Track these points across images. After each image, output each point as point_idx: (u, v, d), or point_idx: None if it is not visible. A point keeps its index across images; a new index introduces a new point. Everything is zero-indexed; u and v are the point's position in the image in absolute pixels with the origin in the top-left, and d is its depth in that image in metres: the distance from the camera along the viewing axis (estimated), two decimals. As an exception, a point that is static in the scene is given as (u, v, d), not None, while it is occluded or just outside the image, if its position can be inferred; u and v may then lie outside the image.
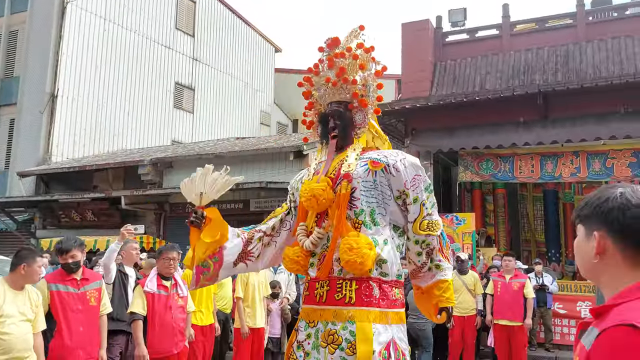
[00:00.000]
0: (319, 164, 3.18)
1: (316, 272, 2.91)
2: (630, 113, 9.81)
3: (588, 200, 1.34)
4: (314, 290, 2.92)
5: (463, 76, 11.82)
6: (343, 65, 3.10)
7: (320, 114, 3.23)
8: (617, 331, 1.15)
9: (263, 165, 13.13)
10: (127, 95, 18.82)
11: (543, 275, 9.44)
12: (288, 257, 3.00)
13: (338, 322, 2.76)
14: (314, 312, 2.88)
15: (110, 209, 14.29)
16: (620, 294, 1.26)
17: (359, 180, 2.90)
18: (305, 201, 2.94)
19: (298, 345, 2.90)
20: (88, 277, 4.35)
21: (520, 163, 10.75)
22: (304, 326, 2.91)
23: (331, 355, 2.73)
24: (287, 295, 7.11)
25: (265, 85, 24.34)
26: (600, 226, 1.29)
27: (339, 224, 2.85)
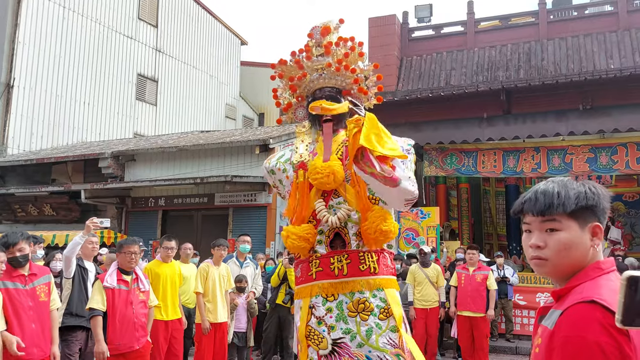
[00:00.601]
0: (310, 145, 3.29)
1: (325, 249, 3.04)
2: (588, 110, 10.11)
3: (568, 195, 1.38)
4: (328, 265, 3.01)
5: (428, 72, 11.93)
6: (345, 53, 3.25)
7: (309, 98, 3.33)
8: (579, 307, 1.23)
9: (228, 158, 12.97)
10: (87, 86, 18.29)
11: (504, 267, 9.66)
12: (296, 235, 3.03)
13: (366, 291, 2.93)
14: (333, 286, 2.99)
15: (69, 203, 13.87)
16: (577, 276, 1.35)
17: None
18: (322, 177, 2.99)
19: (318, 321, 2.96)
20: (36, 272, 4.16)
21: (483, 158, 10.93)
22: (321, 302, 2.98)
23: (364, 322, 2.89)
24: (253, 289, 7.03)
25: (231, 78, 24.05)
26: (594, 218, 1.38)
27: (362, 200, 3.00)
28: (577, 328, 1.19)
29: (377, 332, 2.89)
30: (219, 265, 6.33)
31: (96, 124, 18.54)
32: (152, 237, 12.70)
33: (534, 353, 1.35)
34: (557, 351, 1.21)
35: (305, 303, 3.07)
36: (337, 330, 2.93)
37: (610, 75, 9.79)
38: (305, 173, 3.16)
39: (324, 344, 2.94)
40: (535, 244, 1.40)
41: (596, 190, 1.40)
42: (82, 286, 5.25)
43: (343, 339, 2.91)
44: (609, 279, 1.33)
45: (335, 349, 2.92)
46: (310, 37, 3.40)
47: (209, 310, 6.08)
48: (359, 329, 2.90)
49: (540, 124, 10.11)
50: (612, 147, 10.07)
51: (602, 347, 1.14)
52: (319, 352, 2.96)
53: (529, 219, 1.43)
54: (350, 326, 2.91)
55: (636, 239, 12.73)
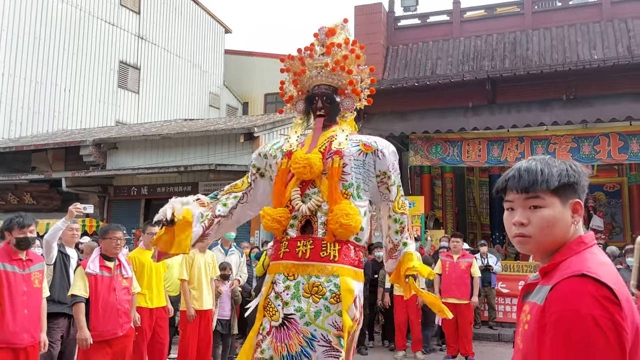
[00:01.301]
0: (301, 137, 3.58)
1: (296, 233, 3.32)
2: (572, 100, 10.19)
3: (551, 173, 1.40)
4: (294, 248, 3.30)
5: (414, 61, 11.92)
6: (344, 55, 3.54)
7: (308, 93, 3.62)
8: (570, 281, 1.24)
9: (212, 147, 12.86)
10: (68, 73, 17.96)
11: (488, 256, 9.74)
12: (270, 216, 3.33)
13: (322, 276, 3.20)
14: (295, 267, 3.27)
15: (50, 191, 13.66)
16: (561, 251, 1.37)
17: (350, 157, 3.33)
18: (299, 167, 3.29)
19: (276, 296, 3.24)
20: (32, 259, 4.17)
21: (468, 148, 10.97)
22: (282, 279, 3.26)
23: (315, 304, 3.16)
24: (238, 277, 6.98)
25: (215, 66, 23.80)
26: (575, 195, 1.41)
27: (332, 193, 3.28)
28: (569, 302, 1.19)
29: (324, 314, 3.16)
30: (205, 252, 6.26)
31: (77, 112, 18.23)
32: (135, 226, 12.55)
33: (523, 331, 1.34)
34: (550, 326, 1.20)
35: (270, 278, 3.35)
36: (290, 307, 3.19)
37: (593, 66, 9.87)
38: (289, 161, 3.41)
39: (276, 317, 3.21)
40: (519, 221, 1.41)
41: (577, 168, 1.43)
42: (64, 273, 5.16)
43: (294, 316, 3.17)
44: (593, 252, 1.36)
45: (285, 322, 3.18)
46: (316, 37, 3.68)
47: (194, 297, 6.03)
48: (309, 309, 3.17)
49: (525, 114, 10.17)
50: (594, 137, 10.18)
51: (596, 319, 1.15)
52: (271, 322, 3.23)
53: (512, 196, 1.44)
54: (302, 305, 3.18)
55: (616, 228, 12.93)
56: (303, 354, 3.14)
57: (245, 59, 24.69)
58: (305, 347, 3.14)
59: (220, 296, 6.54)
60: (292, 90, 3.77)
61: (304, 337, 3.15)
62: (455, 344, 7.55)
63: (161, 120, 18.92)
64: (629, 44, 10.48)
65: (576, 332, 1.16)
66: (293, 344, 3.16)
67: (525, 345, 1.31)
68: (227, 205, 3.60)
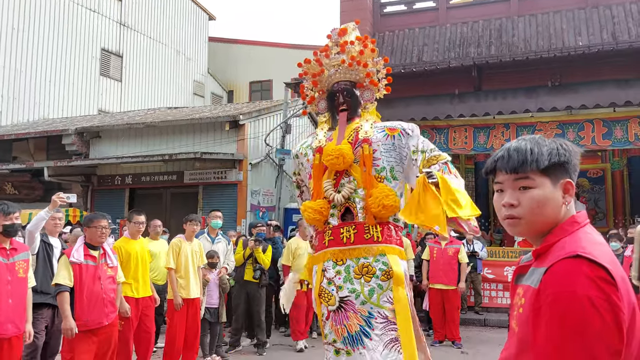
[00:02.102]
0: (328, 132, 3.80)
1: (337, 221, 3.55)
2: (557, 86, 10.23)
3: (541, 152, 1.37)
4: (338, 235, 3.52)
5: (401, 47, 11.87)
6: (359, 50, 3.75)
7: (329, 91, 3.83)
8: (565, 263, 1.21)
9: (197, 135, 12.71)
10: (48, 61, 17.61)
11: (473, 242, 9.80)
12: (311, 209, 3.58)
13: (369, 257, 3.43)
14: (342, 252, 3.50)
15: (32, 181, 13.44)
16: (554, 232, 1.34)
17: (378, 144, 3.55)
18: (332, 159, 3.51)
19: (328, 282, 3.48)
20: (16, 247, 4.09)
21: (454, 135, 10.99)
22: (331, 265, 3.50)
23: (367, 284, 3.38)
24: (225, 265, 6.94)
25: (199, 54, 23.51)
26: (566, 175, 1.38)
27: (367, 178, 3.50)
28: (565, 283, 1.17)
29: (378, 292, 3.38)
30: (192, 240, 6.21)
31: (58, 100, 17.91)
32: (120, 215, 12.41)
33: (517, 314, 1.32)
34: (546, 308, 1.18)
35: (319, 267, 3.58)
36: (344, 290, 3.42)
37: (578, 52, 9.90)
38: (320, 156, 3.64)
39: (332, 301, 3.44)
40: (509, 202, 1.38)
41: (567, 146, 1.40)
42: (47, 263, 5.07)
43: (349, 297, 3.40)
44: (586, 231, 1.33)
45: (342, 305, 3.42)
46: (329, 38, 3.93)
47: (182, 286, 5.98)
48: (363, 289, 3.39)
49: (510, 101, 10.19)
50: (579, 124, 10.25)
51: (592, 300, 1.13)
52: (328, 307, 3.47)
53: (502, 177, 1.41)
54: (355, 286, 3.40)
55: (599, 214, 13.09)
56: (362, 333, 3.34)
57: (229, 47, 24.43)
58: (363, 326, 3.36)
59: (208, 284, 6.49)
60: (312, 91, 3.99)
61: (362, 316, 3.36)
62: (442, 329, 7.61)
63: (145, 109, 18.67)
64: (614, 30, 10.54)
65: (572, 313, 1.14)
66: (352, 324, 3.37)
67: (521, 328, 1.29)
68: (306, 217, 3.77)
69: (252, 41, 24.32)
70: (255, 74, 23.32)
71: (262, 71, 23.00)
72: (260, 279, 7.07)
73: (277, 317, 8.55)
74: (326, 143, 3.68)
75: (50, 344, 5.10)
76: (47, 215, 4.85)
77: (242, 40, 24.58)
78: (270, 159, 12.96)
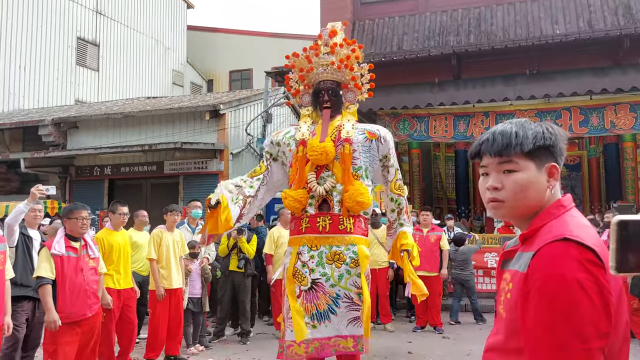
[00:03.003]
0: (311, 127, 4.16)
1: (314, 210, 3.94)
2: (535, 75, 10.36)
3: (526, 135, 1.36)
4: (315, 223, 3.93)
5: (381, 36, 11.88)
6: (346, 55, 4.12)
7: (315, 88, 4.17)
8: (553, 246, 1.20)
9: (177, 125, 12.60)
10: (23, 50, 17.20)
11: (454, 229, 9.92)
12: (292, 197, 3.94)
13: (342, 245, 3.88)
14: (317, 239, 3.92)
15: (8, 172, 13.20)
16: (540, 216, 1.33)
17: (358, 144, 3.98)
18: (316, 155, 3.89)
19: (303, 265, 3.90)
20: None
21: (435, 123, 11.06)
22: (306, 250, 3.92)
23: (338, 269, 3.85)
24: (206, 255, 6.92)
25: (177, 43, 23.20)
26: (551, 159, 1.37)
27: (346, 175, 3.90)
28: (554, 266, 1.17)
29: (346, 277, 3.85)
30: (173, 231, 6.18)
31: (34, 90, 17.55)
32: (99, 206, 12.28)
33: (505, 299, 1.31)
34: (534, 292, 1.18)
35: (294, 250, 3.98)
36: (316, 273, 3.86)
37: (555, 40, 10.02)
38: (304, 149, 3.98)
39: (305, 282, 3.88)
40: (493, 185, 1.38)
41: (553, 130, 1.39)
42: (27, 255, 5.00)
43: (320, 280, 3.85)
44: (572, 215, 1.33)
45: (313, 286, 3.86)
46: (320, 38, 4.23)
47: (163, 276, 5.95)
48: (333, 274, 3.84)
49: (489, 89, 10.29)
50: (556, 112, 10.40)
51: (581, 282, 1.13)
52: (300, 287, 3.88)
53: (486, 160, 1.41)
54: (326, 270, 3.85)
55: (576, 200, 13.31)
56: (329, 311, 3.83)
57: (208, 35, 24.15)
58: (331, 305, 3.85)
59: (190, 275, 6.48)
60: (298, 85, 4.31)
61: (330, 297, 3.84)
62: (424, 315, 7.71)
63: (123, 99, 18.41)
64: (590, 18, 10.69)
65: (561, 296, 1.14)
66: (321, 303, 3.84)
67: (509, 314, 1.28)
68: (253, 187, 4.15)
69: (231, 30, 24.08)
70: (235, 63, 23.12)
71: (242, 60, 22.81)
72: (245, 269, 7.07)
73: (261, 307, 8.58)
74: (309, 137, 4.03)
75: (31, 337, 5.04)
76: (26, 207, 4.78)
77: (221, 29, 24.32)
78: (252, 149, 12.91)
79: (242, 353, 6.47)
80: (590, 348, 1.11)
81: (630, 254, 0.99)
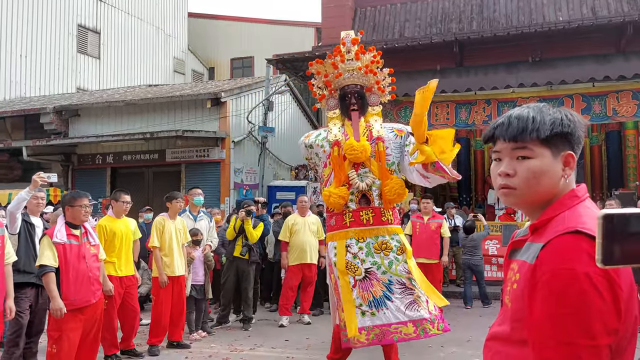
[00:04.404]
0: (341, 128, 4.51)
1: (356, 205, 4.32)
2: (537, 62, 10.32)
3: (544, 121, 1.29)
4: (359, 217, 4.30)
5: (383, 23, 11.81)
6: (370, 60, 4.52)
7: (341, 92, 4.56)
8: (564, 239, 1.15)
9: (179, 113, 12.58)
10: (23, 38, 17.15)
11: (455, 217, 9.94)
12: (336, 195, 4.28)
13: (386, 235, 4.28)
14: (362, 231, 4.28)
15: (10, 161, 13.22)
16: (553, 206, 1.27)
17: (389, 142, 4.38)
18: (357, 153, 4.27)
19: (353, 256, 4.24)
20: None
21: (436, 111, 11.04)
22: (354, 243, 4.27)
23: (386, 257, 4.21)
24: (209, 242, 6.95)
25: (179, 30, 23.08)
26: (568, 147, 1.30)
27: (383, 171, 4.29)
28: (564, 260, 1.12)
29: (395, 263, 4.20)
30: (175, 218, 6.20)
31: (35, 78, 17.53)
32: (102, 194, 12.31)
33: (511, 290, 1.27)
34: (543, 285, 1.14)
35: (341, 244, 4.32)
36: (367, 263, 4.21)
37: (558, 27, 9.97)
38: (339, 149, 4.34)
39: (358, 272, 4.21)
40: (505, 171, 1.31)
41: (572, 117, 1.31)
42: (29, 242, 5.04)
43: (372, 268, 4.20)
44: (586, 206, 1.27)
45: (366, 275, 4.19)
46: (344, 45, 4.58)
47: (166, 264, 5.99)
48: (383, 262, 4.21)
49: (492, 76, 10.25)
50: (558, 99, 10.36)
51: (590, 277, 1.09)
52: (355, 277, 4.20)
53: (500, 145, 1.34)
54: (376, 259, 4.21)
55: (577, 188, 13.33)
56: (385, 297, 4.13)
57: (209, 23, 24.03)
58: (385, 291, 4.14)
59: (193, 262, 6.52)
60: (323, 90, 4.68)
61: (383, 284, 4.15)
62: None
63: (124, 87, 18.37)
64: (593, 5, 10.61)
65: (570, 291, 1.10)
66: (376, 290, 4.14)
67: (514, 304, 1.24)
68: None
69: (232, 17, 23.95)
70: (236, 50, 23.02)
71: (243, 47, 22.71)
72: (249, 255, 7.07)
73: (263, 294, 8.64)
74: (342, 138, 4.40)
75: (34, 323, 5.09)
76: (27, 195, 4.80)
77: (222, 16, 24.18)
78: (253, 137, 12.90)
79: (244, 339, 6.53)
80: (597, 345, 1.08)
81: (616, 247, 0.99)
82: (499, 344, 1.31)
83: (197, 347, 6.19)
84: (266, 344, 6.29)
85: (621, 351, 1.16)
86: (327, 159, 4.47)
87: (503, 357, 1.28)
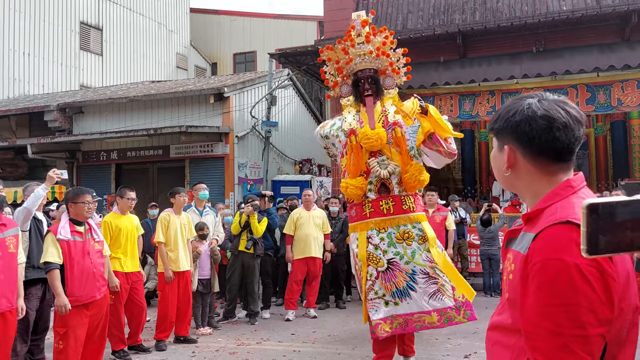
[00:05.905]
0: (356, 116, 4.35)
1: (375, 195, 4.19)
2: (541, 52, 10.24)
3: (500, 113, 1.34)
4: (379, 207, 4.17)
5: (385, 15, 11.75)
6: (382, 42, 4.29)
7: (354, 78, 4.38)
8: (555, 229, 1.15)
9: (182, 109, 12.59)
10: (26, 36, 17.17)
11: (458, 209, 9.92)
12: (353, 186, 4.15)
13: (408, 224, 4.13)
14: (383, 221, 4.15)
15: (15, 158, 13.28)
16: (546, 197, 1.27)
17: (406, 127, 4.20)
18: (373, 141, 4.09)
19: (375, 247, 4.14)
20: (5, 223, 4.05)
21: (440, 103, 10.99)
22: (375, 233, 4.16)
23: (409, 247, 4.09)
24: (215, 237, 6.96)
25: (181, 26, 23.05)
26: (510, 139, 1.30)
27: (404, 157, 4.11)
28: (554, 251, 1.12)
29: (418, 253, 4.08)
30: (180, 213, 6.21)
31: (39, 76, 17.56)
32: (106, 191, 12.35)
33: (508, 280, 1.27)
34: (534, 276, 1.14)
35: (362, 235, 4.20)
36: (389, 253, 4.11)
37: (562, 17, 9.88)
38: (356, 137, 4.17)
39: (381, 263, 4.11)
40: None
41: (527, 110, 1.26)
42: (39, 237, 5.06)
43: (394, 259, 4.10)
44: (580, 196, 1.25)
45: (389, 266, 4.10)
46: (353, 29, 4.37)
47: (172, 259, 6.01)
48: (405, 252, 4.09)
49: (495, 67, 10.19)
50: (563, 89, 10.30)
51: (581, 268, 1.08)
52: (377, 269, 4.11)
53: None
54: (398, 249, 4.10)
55: (583, 179, 13.27)
56: (409, 287, 4.05)
57: (212, 18, 23.99)
58: (409, 282, 4.06)
59: (200, 256, 6.53)
60: (336, 77, 4.49)
61: (407, 274, 4.07)
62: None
63: (127, 83, 18.39)
64: (597, -6, 10.51)
65: (561, 282, 1.09)
66: (399, 281, 4.07)
67: (511, 294, 1.25)
68: None
69: (235, 12, 23.89)
70: (238, 45, 22.98)
71: (246, 42, 22.67)
72: (254, 249, 7.08)
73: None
74: (357, 126, 4.23)
75: (41, 320, 5.12)
76: (44, 191, 4.81)
77: (224, 11, 24.12)
78: (257, 132, 12.90)
79: (250, 334, 6.55)
80: (587, 335, 1.08)
81: (601, 236, 0.98)
82: (498, 333, 1.32)
83: (204, 341, 6.22)
84: (273, 338, 6.31)
85: (621, 342, 1.15)
86: (343, 148, 4.32)
87: (502, 346, 1.29)
